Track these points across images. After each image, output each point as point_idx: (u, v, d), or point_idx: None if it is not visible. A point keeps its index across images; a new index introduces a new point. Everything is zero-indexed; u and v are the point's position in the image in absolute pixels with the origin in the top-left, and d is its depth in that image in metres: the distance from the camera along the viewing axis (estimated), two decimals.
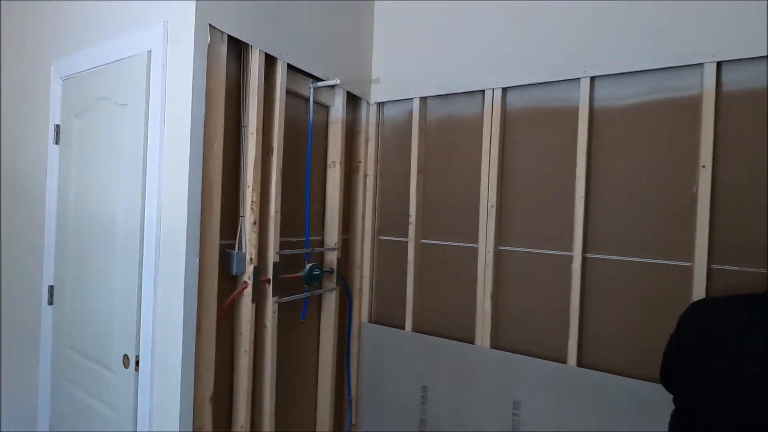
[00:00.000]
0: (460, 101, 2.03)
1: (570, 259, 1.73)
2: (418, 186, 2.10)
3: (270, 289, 1.66)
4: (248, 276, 1.58)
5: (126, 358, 1.47)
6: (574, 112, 1.74)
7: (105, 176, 1.61)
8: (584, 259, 1.71)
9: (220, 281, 1.51)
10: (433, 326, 2.07)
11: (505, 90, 1.90)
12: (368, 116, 2.25)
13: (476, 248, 1.95)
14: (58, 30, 1.89)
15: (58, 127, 1.85)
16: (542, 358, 1.76)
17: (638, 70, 1.61)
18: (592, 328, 1.70)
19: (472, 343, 1.92)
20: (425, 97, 2.12)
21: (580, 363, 1.70)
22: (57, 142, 1.85)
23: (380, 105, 2.26)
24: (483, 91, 1.94)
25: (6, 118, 2.14)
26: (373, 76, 2.24)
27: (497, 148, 1.89)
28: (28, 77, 2.04)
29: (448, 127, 2.07)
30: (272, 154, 1.67)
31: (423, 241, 2.12)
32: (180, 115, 1.36)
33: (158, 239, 1.40)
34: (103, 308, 1.59)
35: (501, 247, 1.91)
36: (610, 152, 1.68)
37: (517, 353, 1.82)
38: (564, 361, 1.72)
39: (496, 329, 1.90)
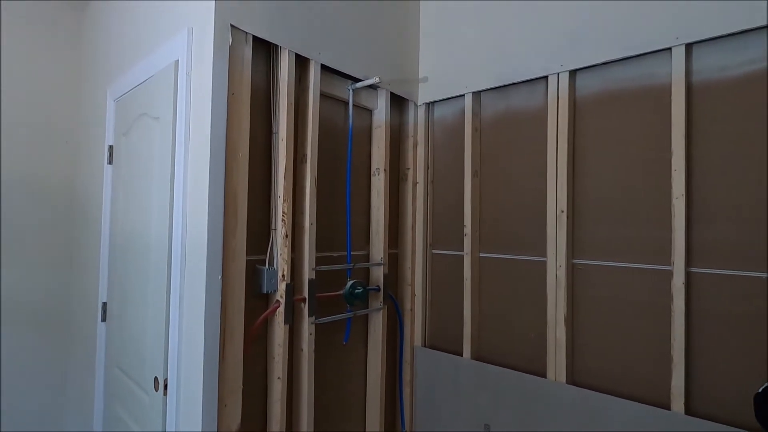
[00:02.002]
0: (518, 92, 1.76)
1: (669, 274, 1.37)
2: (473, 192, 1.85)
3: (306, 308, 1.51)
4: (280, 294, 1.44)
5: (156, 380, 1.40)
6: (664, 90, 1.40)
7: (142, 193, 1.59)
8: (688, 275, 1.34)
9: (249, 300, 1.39)
10: (496, 354, 1.77)
11: (573, 73, 1.60)
12: (416, 118, 2.06)
13: (544, 262, 1.64)
14: (111, 54, 1.96)
15: (111, 147, 1.90)
16: (635, 401, 1.40)
17: (754, 27, 1.24)
18: (703, 364, 1.31)
19: (544, 376, 1.60)
20: (478, 92, 1.88)
21: (689, 410, 1.31)
22: (110, 162, 1.90)
23: (429, 105, 2.06)
24: (546, 78, 1.66)
25: (75, 141, 2.29)
26: (421, 75, 2.06)
27: (566, 143, 1.59)
28: (90, 101, 2.16)
29: (505, 124, 1.80)
30: (306, 161, 1.54)
31: (481, 254, 1.86)
32: (201, 122, 1.28)
33: (183, 256, 1.32)
34: (140, 327, 1.55)
35: (575, 261, 1.58)
36: (717, 137, 1.31)
37: (601, 392, 1.47)
38: (666, 405, 1.35)
39: (574, 361, 1.56)
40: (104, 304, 1.88)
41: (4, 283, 2.06)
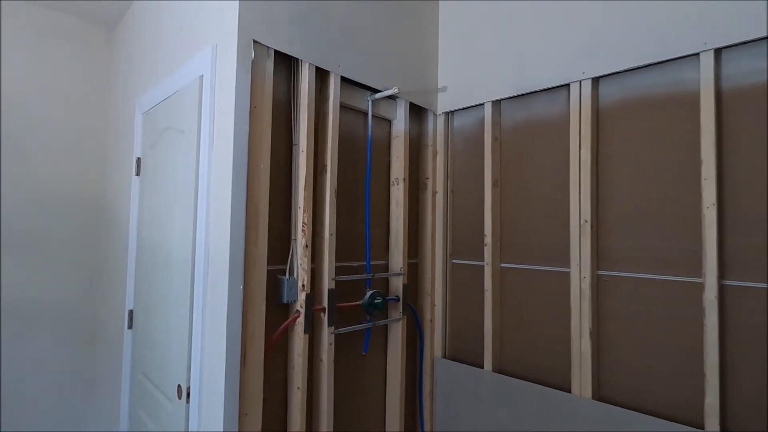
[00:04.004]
0: (539, 101, 1.74)
1: (700, 287, 1.32)
2: (493, 202, 1.83)
3: (326, 318, 1.52)
4: (300, 304, 1.45)
5: (179, 388, 1.42)
6: (692, 97, 1.36)
7: (167, 203, 1.63)
8: (722, 288, 1.28)
9: (269, 310, 1.41)
10: (518, 366, 1.74)
11: (595, 81, 1.57)
12: (435, 128, 2.05)
13: (568, 273, 1.60)
14: (139, 69, 2.04)
15: (139, 159, 1.96)
16: (665, 419, 1.34)
17: None
18: (738, 381, 1.25)
19: (568, 391, 1.56)
20: (498, 101, 1.87)
21: (724, 429, 1.25)
22: (138, 174, 1.96)
23: (448, 115, 2.06)
24: (568, 86, 1.64)
25: (104, 154, 2.37)
26: (440, 84, 2.06)
27: (589, 152, 1.56)
28: (119, 115, 2.24)
29: (525, 133, 1.78)
30: (326, 172, 1.55)
31: (502, 265, 1.83)
32: (224, 135, 1.31)
33: (206, 266, 1.35)
34: (164, 335, 1.58)
35: (600, 272, 1.54)
36: (749, 144, 1.26)
37: (629, 408, 1.41)
38: (699, 425, 1.29)
39: (600, 375, 1.51)
40: (131, 312, 1.93)
41: (37, 288, 2.15)
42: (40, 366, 2.15)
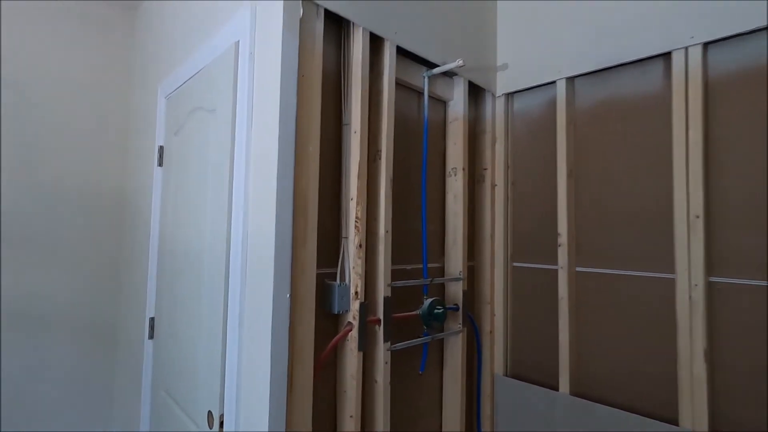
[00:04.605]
0: (625, 76, 1.48)
1: None
2: (568, 195, 1.57)
3: (381, 332, 1.28)
4: (353, 315, 1.21)
5: (210, 415, 1.19)
6: None
7: (195, 196, 1.41)
8: None
9: (317, 322, 1.17)
10: (604, 390, 1.47)
11: (705, 47, 1.30)
12: (494, 112, 1.80)
13: (672, 280, 1.33)
14: (163, 50, 1.83)
15: (161, 148, 1.75)
16: None
17: None
18: None
19: (675, 423, 1.28)
20: (572, 78, 1.60)
21: None
22: (160, 164, 1.75)
23: (508, 97, 1.80)
24: (669, 54, 1.37)
25: (126, 145, 2.18)
26: (499, 62, 1.80)
27: (700, 133, 1.28)
28: (142, 102, 2.04)
29: (607, 115, 1.51)
30: (381, 158, 1.31)
31: (578, 269, 1.56)
32: (267, 110, 1.08)
33: (244, 270, 1.12)
34: (191, 349, 1.36)
35: (713, 279, 1.27)
36: None
37: None
38: None
39: (718, 406, 1.24)
40: (152, 320, 1.72)
41: (54, 291, 1.95)
42: (51, 376, 1.95)
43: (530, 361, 1.67)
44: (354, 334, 1.21)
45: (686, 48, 1.32)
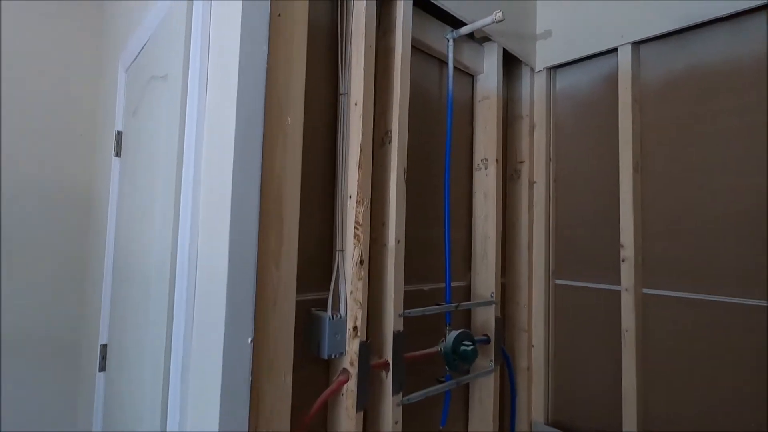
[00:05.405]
0: (713, 39, 1.11)
1: None
2: (634, 195, 1.20)
3: (390, 379, 0.92)
4: (350, 360, 0.86)
5: None
6: None
7: (146, 192, 1.07)
8: None
9: (300, 370, 0.82)
10: None
11: None
12: (532, 91, 1.44)
13: None
14: (122, 20, 1.50)
15: (119, 134, 1.42)
16: None
17: None
18: None
19: None
20: (638, 43, 1.24)
21: None
22: (118, 154, 1.42)
23: (551, 72, 1.44)
24: None
25: (91, 135, 1.85)
26: (539, 29, 1.45)
27: None
28: (106, 84, 1.71)
29: (688, 90, 1.15)
30: (391, 142, 0.96)
31: (645, 291, 1.19)
32: (226, 63, 0.74)
33: (191, 295, 0.77)
34: (135, 395, 1.01)
35: None
36: None
37: None
38: None
39: None
40: (103, 347, 1.38)
41: (7, 307, 1.62)
42: (16, 401, 1.61)
43: (579, 406, 1.30)
44: (351, 386, 0.85)
45: None
